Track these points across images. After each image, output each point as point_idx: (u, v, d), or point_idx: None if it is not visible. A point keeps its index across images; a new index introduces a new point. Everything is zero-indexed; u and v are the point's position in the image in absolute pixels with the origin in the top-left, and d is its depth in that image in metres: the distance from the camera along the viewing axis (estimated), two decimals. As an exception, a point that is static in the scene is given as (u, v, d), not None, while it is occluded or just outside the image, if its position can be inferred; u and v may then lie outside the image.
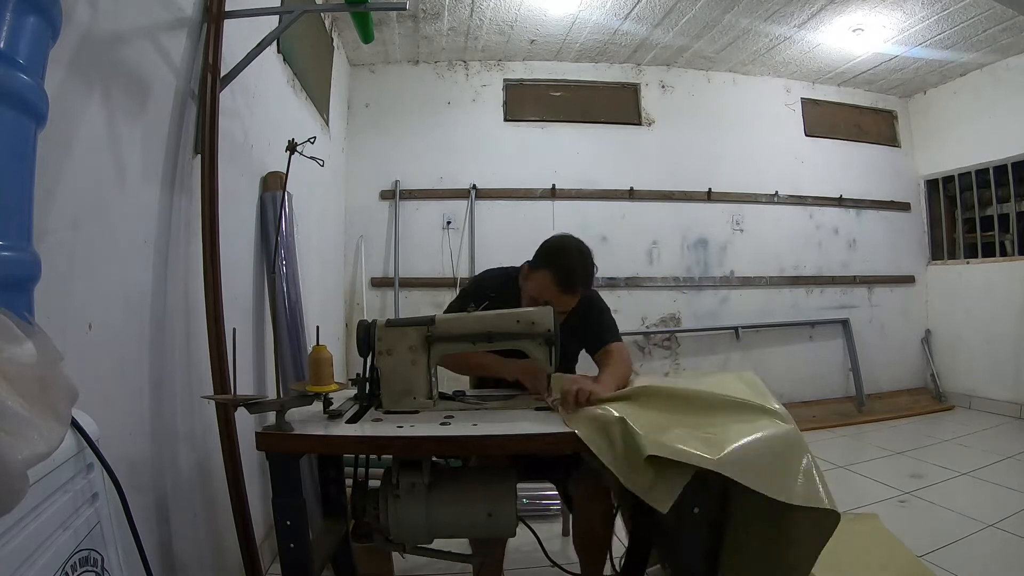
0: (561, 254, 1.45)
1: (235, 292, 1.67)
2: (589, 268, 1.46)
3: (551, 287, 1.40)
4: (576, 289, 1.43)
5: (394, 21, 3.25)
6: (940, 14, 3.10)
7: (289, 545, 1.08)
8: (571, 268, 1.42)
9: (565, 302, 1.42)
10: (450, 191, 3.72)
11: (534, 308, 1.30)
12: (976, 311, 3.93)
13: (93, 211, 1.07)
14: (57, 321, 0.94)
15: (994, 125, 3.76)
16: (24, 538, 0.61)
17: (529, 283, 1.48)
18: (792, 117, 4.13)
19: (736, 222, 3.99)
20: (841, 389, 4.04)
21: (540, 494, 2.22)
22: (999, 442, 3.08)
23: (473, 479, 1.30)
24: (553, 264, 1.43)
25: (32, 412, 0.58)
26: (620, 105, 3.97)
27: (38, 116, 0.79)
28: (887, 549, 1.87)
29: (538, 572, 1.82)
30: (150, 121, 1.27)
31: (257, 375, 1.87)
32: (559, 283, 1.40)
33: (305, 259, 2.26)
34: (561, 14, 3.24)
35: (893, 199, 4.29)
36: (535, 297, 1.42)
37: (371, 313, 3.53)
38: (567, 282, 1.41)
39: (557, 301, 1.37)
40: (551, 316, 1.26)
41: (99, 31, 1.08)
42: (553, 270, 1.41)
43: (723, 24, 3.33)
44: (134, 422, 1.19)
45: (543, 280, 1.42)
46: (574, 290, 1.42)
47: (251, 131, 1.85)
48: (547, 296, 1.38)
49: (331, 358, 1.20)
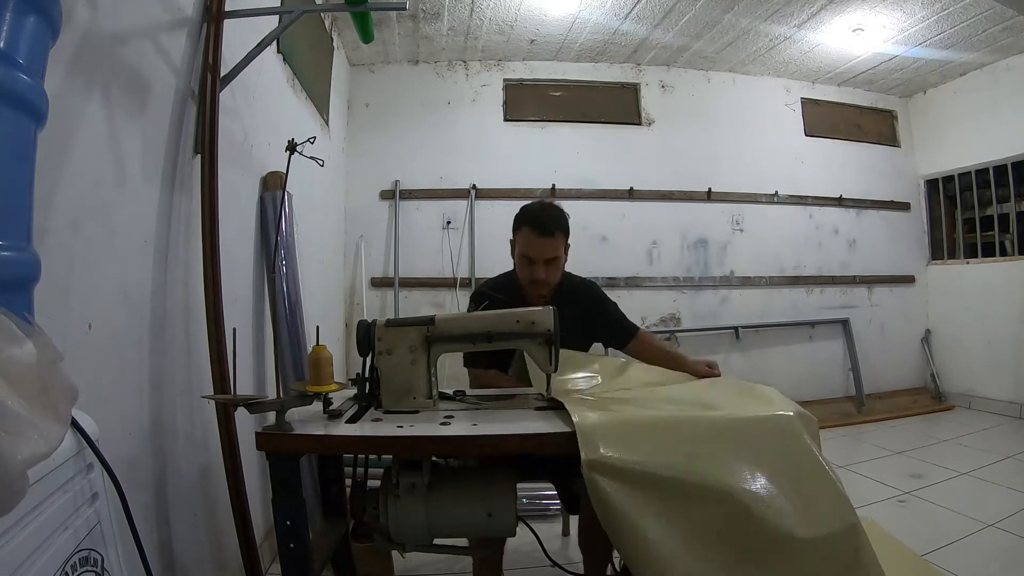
0: (528, 208, 1.62)
1: (235, 292, 1.67)
2: (558, 212, 1.61)
3: (531, 238, 1.55)
4: (553, 231, 1.55)
5: (394, 21, 3.25)
6: (940, 14, 3.11)
7: (289, 545, 1.07)
8: (541, 215, 1.58)
9: (548, 247, 1.55)
10: (450, 191, 3.72)
11: (534, 308, 1.29)
12: (976, 311, 3.94)
13: (93, 211, 1.07)
14: (57, 321, 0.94)
15: (994, 125, 3.76)
16: (24, 538, 0.61)
17: (516, 249, 1.61)
18: (792, 117, 4.13)
19: (736, 222, 3.99)
20: (841, 389, 4.05)
21: (540, 494, 2.22)
22: (999, 442, 3.08)
23: (473, 479, 1.30)
24: (525, 218, 1.58)
25: (32, 412, 0.58)
26: (620, 105, 3.97)
27: (38, 116, 0.78)
28: (893, 552, 1.87)
29: (538, 572, 1.82)
30: (150, 121, 1.27)
31: (257, 375, 1.87)
32: (536, 230, 1.54)
33: (305, 259, 2.26)
34: (561, 14, 3.24)
35: (893, 199, 4.29)
36: (525, 255, 1.56)
37: (371, 313, 3.53)
38: (540, 226, 1.55)
39: (540, 248, 1.53)
40: (551, 316, 1.26)
41: (99, 31, 1.08)
42: (527, 222, 1.57)
43: (723, 24, 3.33)
44: (134, 422, 1.19)
45: (523, 236, 1.57)
46: (552, 233, 1.55)
47: (251, 131, 1.85)
48: (531, 247, 1.54)
49: (331, 358, 1.20)
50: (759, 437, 1.06)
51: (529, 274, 1.57)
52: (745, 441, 1.05)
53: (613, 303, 1.73)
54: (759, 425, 1.08)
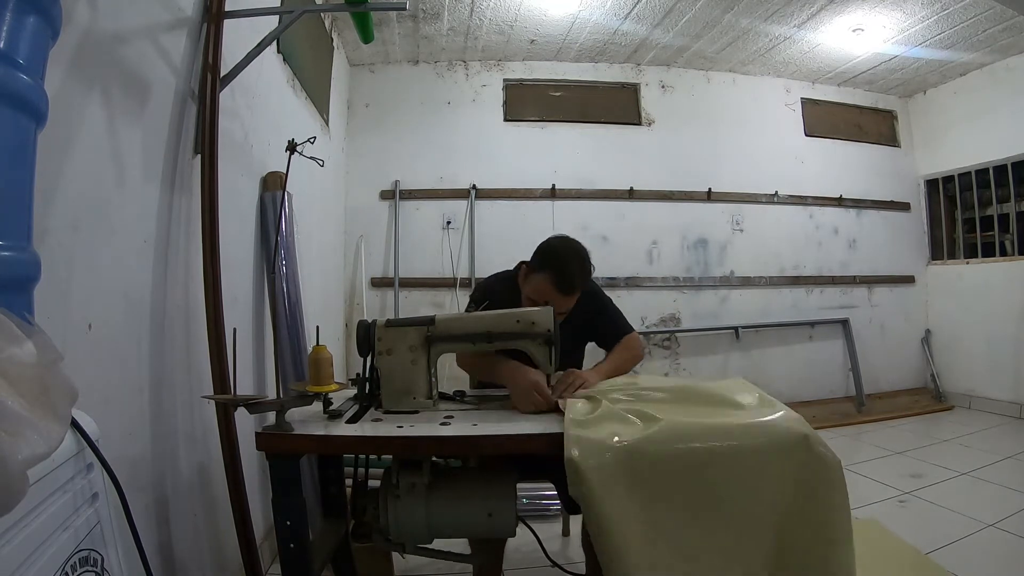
0: (559, 256, 1.46)
1: (235, 292, 1.67)
2: (587, 269, 1.48)
3: (550, 289, 1.42)
4: (575, 291, 1.45)
5: (394, 21, 3.25)
6: (940, 14, 3.11)
7: (289, 545, 1.08)
8: (570, 271, 1.44)
9: (564, 303, 1.44)
10: (450, 191, 3.72)
11: (534, 308, 1.30)
12: (976, 311, 3.93)
13: (93, 211, 1.07)
14: (57, 321, 0.94)
15: (994, 125, 3.75)
16: (24, 538, 0.61)
17: (528, 286, 1.50)
18: (792, 117, 4.13)
19: (736, 222, 3.99)
20: (841, 389, 4.04)
21: (540, 494, 2.22)
22: (999, 442, 3.08)
23: (473, 479, 1.30)
24: (551, 267, 1.44)
25: (32, 412, 0.58)
26: (620, 105, 3.97)
27: (38, 116, 0.78)
28: (895, 551, 1.87)
29: (538, 572, 1.82)
30: (150, 121, 1.27)
31: (257, 375, 1.87)
32: (558, 285, 1.42)
33: (305, 259, 2.26)
34: (561, 14, 3.24)
35: (893, 199, 4.29)
36: (534, 299, 1.44)
37: (371, 313, 3.53)
38: (566, 285, 1.43)
39: (556, 303, 1.39)
40: (551, 316, 1.26)
41: (99, 31, 1.08)
42: (552, 273, 1.43)
43: (723, 24, 3.33)
44: (134, 422, 1.19)
45: (542, 283, 1.44)
46: (573, 291, 1.45)
47: (251, 131, 1.85)
48: (546, 298, 1.41)
49: (331, 358, 1.20)
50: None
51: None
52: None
53: (614, 306, 1.69)
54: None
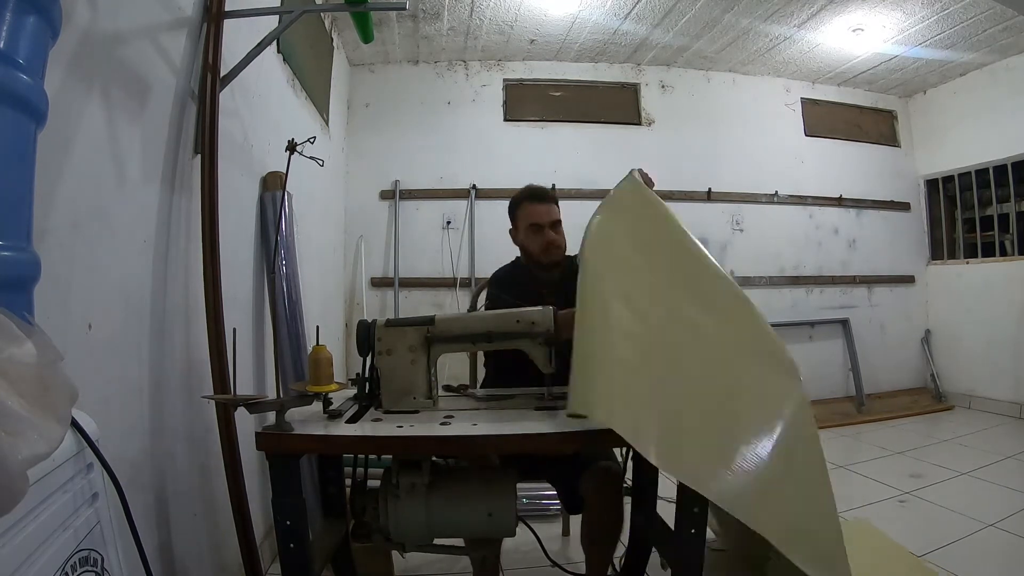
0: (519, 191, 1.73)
1: (235, 292, 1.67)
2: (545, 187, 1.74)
3: (534, 208, 1.65)
4: (548, 197, 1.68)
5: (394, 21, 3.25)
6: (940, 14, 3.10)
7: (289, 545, 1.08)
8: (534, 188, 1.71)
9: (547, 212, 1.66)
10: (450, 191, 3.72)
11: (534, 308, 1.30)
12: (976, 311, 3.93)
13: (93, 211, 1.06)
14: (57, 321, 0.94)
15: (994, 125, 3.75)
16: (24, 538, 0.61)
17: (518, 231, 1.70)
18: (792, 117, 4.13)
19: (736, 222, 3.99)
20: (841, 389, 4.04)
21: (540, 494, 2.22)
22: (999, 442, 3.08)
23: (473, 479, 1.30)
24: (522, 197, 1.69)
25: (32, 412, 0.58)
26: (620, 105, 3.97)
27: (38, 116, 0.78)
28: (886, 551, 1.87)
29: (538, 572, 1.82)
30: (150, 121, 1.27)
31: (257, 375, 1.87)
32: (536, 200, 1.66)
33: (305, 259, 2.26)
34: (561, 14, 3.24)
35: (893, 199, 4.28)
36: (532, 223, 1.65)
37: (371, 313, 3.53)
38: (541, 196, 1.68)
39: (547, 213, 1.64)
40: (551, 316, 1.26)
41: (99, 31, 1.08)
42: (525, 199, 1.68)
43: (723, 24, 3.33)
44: (134, 422, 1.19)
45: (525, 211, 1.66)
46: (546, 197, 1.68)
47: (251, 131, 1.85)
48: (537, 215, 1.64)
49: (331, 358, 1.20)
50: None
51: (542, 239, 1.65)
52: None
53: None
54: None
